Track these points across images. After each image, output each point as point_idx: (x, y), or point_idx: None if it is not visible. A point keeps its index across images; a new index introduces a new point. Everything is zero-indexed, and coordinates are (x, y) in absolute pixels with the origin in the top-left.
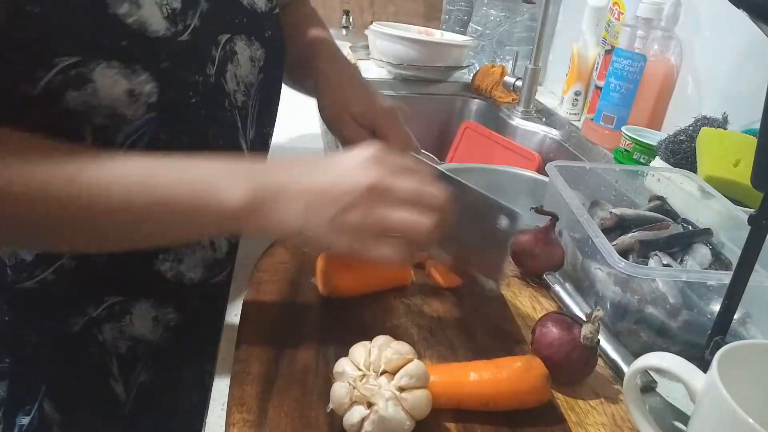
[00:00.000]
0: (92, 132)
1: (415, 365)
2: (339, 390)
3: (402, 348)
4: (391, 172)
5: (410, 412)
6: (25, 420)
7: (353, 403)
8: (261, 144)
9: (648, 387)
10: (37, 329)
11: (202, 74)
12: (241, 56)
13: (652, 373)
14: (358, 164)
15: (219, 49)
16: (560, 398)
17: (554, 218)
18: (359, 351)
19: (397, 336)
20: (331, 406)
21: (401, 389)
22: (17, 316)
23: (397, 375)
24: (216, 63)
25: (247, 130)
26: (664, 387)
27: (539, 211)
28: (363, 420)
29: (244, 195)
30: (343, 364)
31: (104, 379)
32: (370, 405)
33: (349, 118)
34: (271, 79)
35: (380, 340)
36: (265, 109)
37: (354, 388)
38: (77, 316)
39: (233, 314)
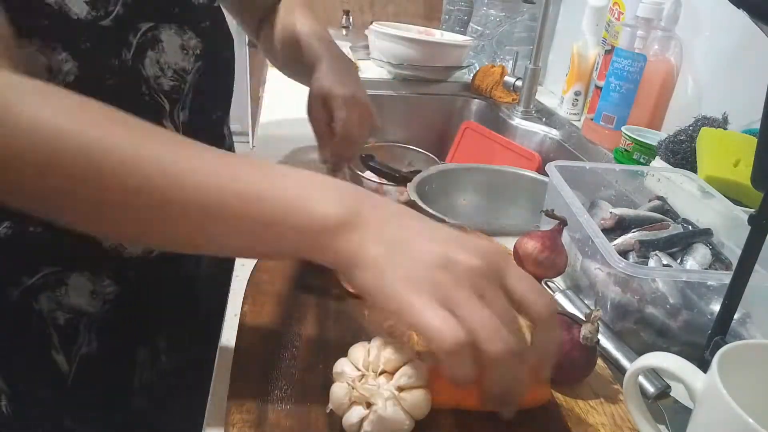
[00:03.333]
0: None
1: (414, 365)
2: (338, 390)
3: (400, 348)
4: (494, 268)
5: (409, 411)
6: None
7: (352, 403)
8: (205, 128)
9: (663, 393)
10: None
11: (118, 58)
12: (167, 44)
13: (665, 378)
14: (465, 242)
15: (138, 36)
16: (560, 398)
17: (563, 223)
18: (358, 351)
19: (396, 336)
20: (330, 406)
21: (400, 389)
22: None
23: (396, 375)
24: (133, 48)
25: (175, 113)
26: (679, 391)
27: (549, 214)
28: (362, 420)
29: (336, 213)
30: (342, 365)
31: (45, 349)
32: (369, 405)
33: (321, 98)
34: (213, 67)
35: (379, 340)
36: (205, 94)
37: (353, 388)
38: (12, 286)
39: (233, 314)
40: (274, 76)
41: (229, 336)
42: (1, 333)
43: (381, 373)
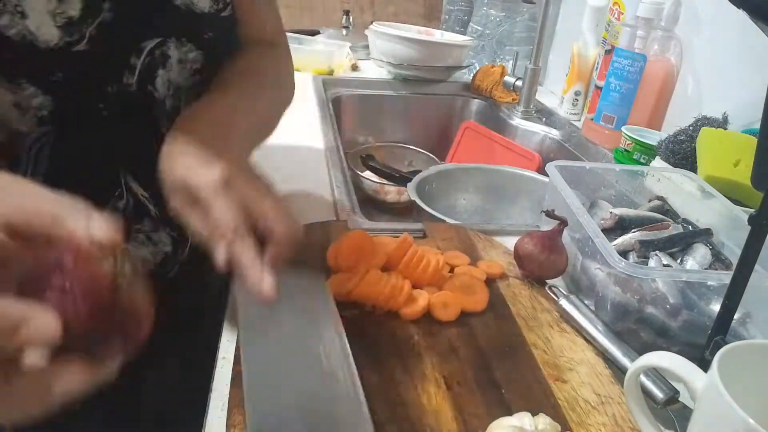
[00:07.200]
0: None
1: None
2: None
3: (551, 420)
4: None
5: None
6: None
7: None
8: None
9: (672, 399)
10: None
11: (117, 84)
12: (173, 59)
13: (674, 383)
14: None
15: (143, 57)
16: (561, 398)
17: (563, 223)
18: (508, 420)
19: (397, 337)
20: None
21: None
22: None
23: None
24: (137, 71)
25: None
26: (688, 396)
27: (549, 214)
28: None
29: None
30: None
31: None
32: None
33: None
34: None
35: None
36: None
37: None
38: None
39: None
40: None
41: (229, 337)
42: None
43: None
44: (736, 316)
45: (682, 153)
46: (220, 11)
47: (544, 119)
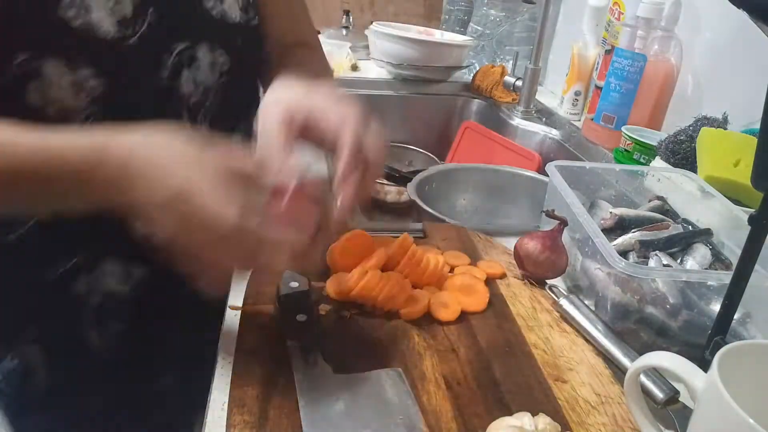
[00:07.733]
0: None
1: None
2: None
3: (551, 420)
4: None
5: None
6: (10, 364)
7: None
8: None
9: (672, 399)
10: (14, 280)
11: (154, 77)
12: (202, 62)
13: (674, 383)
14: (219, 195)
15: (172, 56)
16: (561, 398)
17: (563, 223)
18: (508, 420)
19: (397, 337)
20: None
21: None
22: None
23: None
24: (168, 69)
25: (196, 126)
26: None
27: (549, 214)
28: None
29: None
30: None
31: (79, 326)
32: None
33: (280, 112)
34: (236, 85)
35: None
36: (225, 110)
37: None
38: (50, 267)
39: (233, 314)
40: None
41: (229, 336)
42: (38, 310)
43: None
44: (736, 316)
45: (682, 153)
46: (250, 20)
47: (544, 119)
